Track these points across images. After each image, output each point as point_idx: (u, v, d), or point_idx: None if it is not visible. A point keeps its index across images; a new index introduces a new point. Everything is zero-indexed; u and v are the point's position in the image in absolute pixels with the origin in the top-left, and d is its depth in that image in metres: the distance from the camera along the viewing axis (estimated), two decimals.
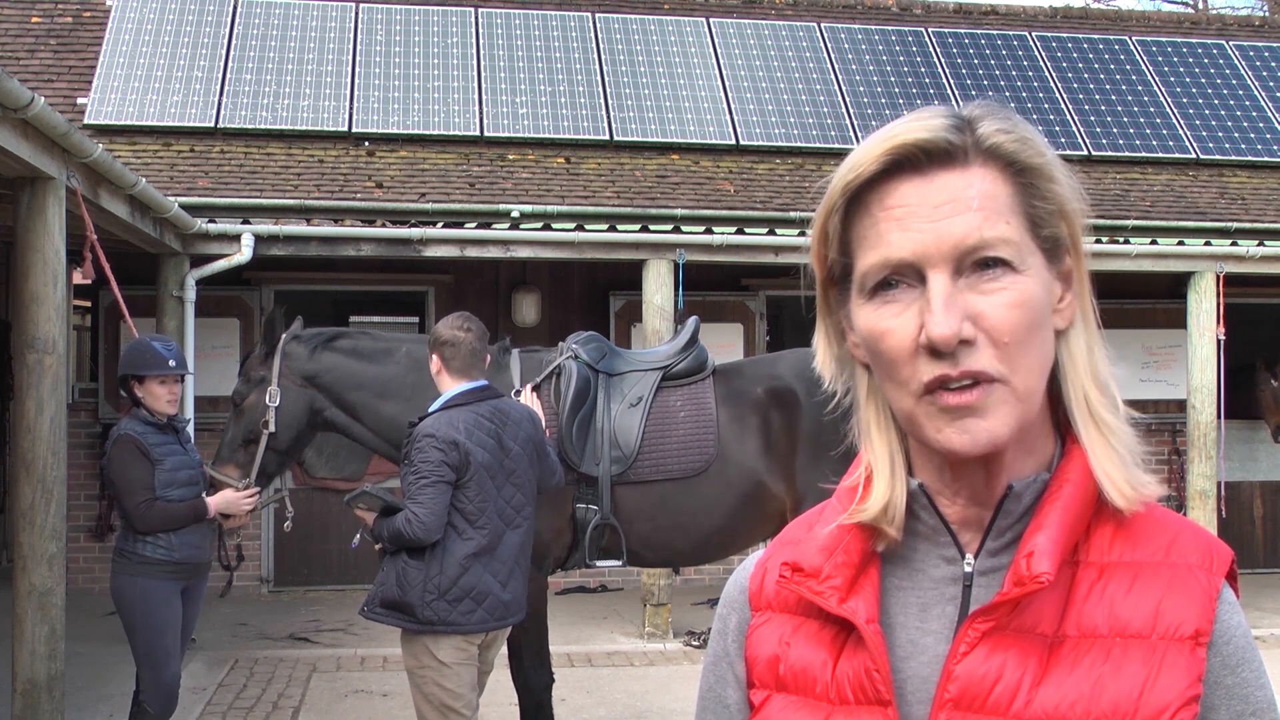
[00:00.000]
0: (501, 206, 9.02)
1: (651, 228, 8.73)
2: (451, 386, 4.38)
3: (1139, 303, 10.88)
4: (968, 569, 1.08)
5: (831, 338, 1.15)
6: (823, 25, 11.53)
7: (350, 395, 5.29)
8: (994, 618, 1.03)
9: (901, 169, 1.03)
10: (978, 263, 1.01)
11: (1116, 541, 1.06)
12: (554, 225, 8.75)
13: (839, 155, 1.11)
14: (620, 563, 5.36)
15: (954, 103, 1.13)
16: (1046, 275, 1.05)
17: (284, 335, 5.33)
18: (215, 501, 5.11)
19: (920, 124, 1.03)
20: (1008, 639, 1.03)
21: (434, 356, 4.42)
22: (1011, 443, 1.03)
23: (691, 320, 5.60)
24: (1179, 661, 1.01)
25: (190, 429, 8.20)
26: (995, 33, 11.85)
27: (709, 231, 8.66)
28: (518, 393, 5.15)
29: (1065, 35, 12.05)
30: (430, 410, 4.36)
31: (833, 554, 1.10)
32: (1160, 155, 10.88)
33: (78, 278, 9.83)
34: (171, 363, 5.04)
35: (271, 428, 5.22)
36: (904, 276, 1.03)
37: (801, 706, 1.10)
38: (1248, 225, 9.82)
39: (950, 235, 1.01)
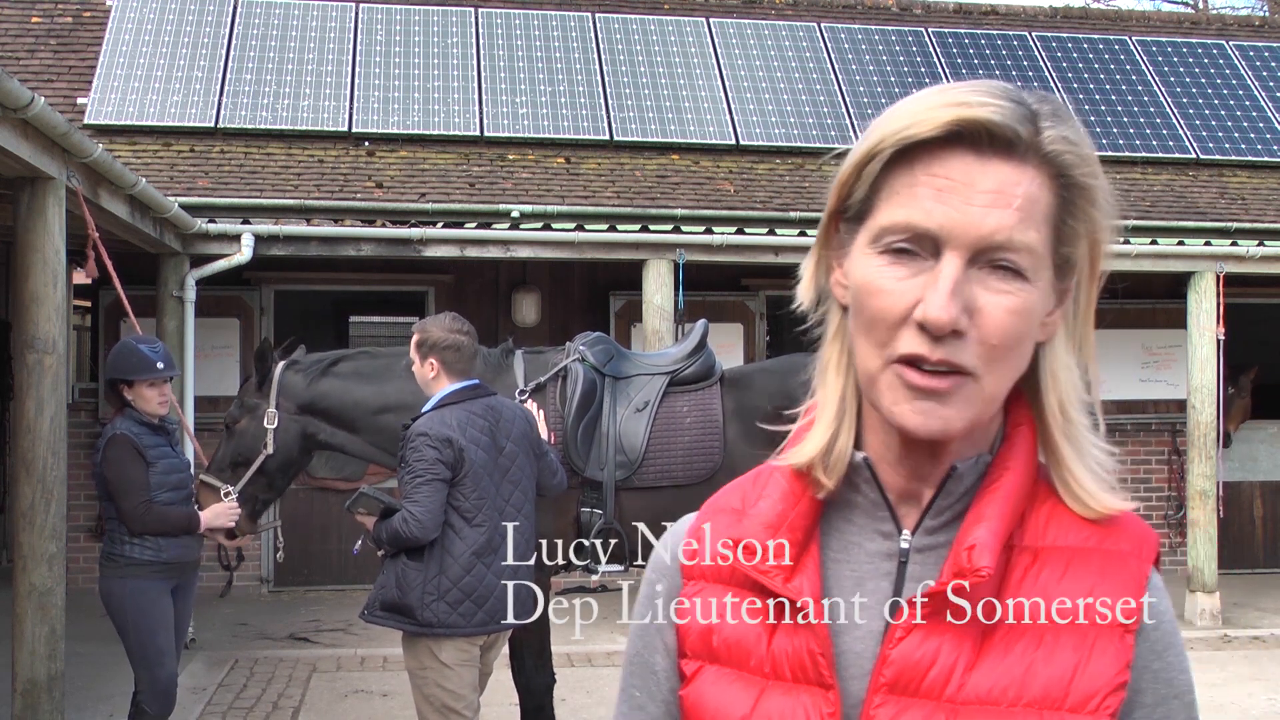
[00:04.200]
0: (501, 206, 9.01)
1: (651, 228, 8.73)
2: (445, 387, 4.38)
3: (1139, 303, 10.88)
4: (904, 545, 1.08)
5: (821, 267, 1.13)
6: (823, 25, 11.52)
7: (348, 414, 5.33)
8: (930, 604, 1.04)
9: (960, 140, 1.01)
10: (993, 263, 1.00)
11: (1050, 527, 1.07)
12: (554, 225, 8.74)
13: (839, 155, 1.11)
14: (624, 568, 5.36)
15: None
16: (1049, 291, 1.05)
17: (280, 364, 5.35)
18: (207, 516, 5.14)
19: (993, 103, 1.01)
20: (943, 624, 1.03)
21: (430, 361, 4.39)
22: (963, 433, 1.04)
23: (700, 324, 5.57)
24: (1109, 647, 1.02)
25: (190, 428, 8.26)
26: (995, 33, 11.85)
27: (709, 231, 8.66)
28: (523, 393, 5.14)
29: (1065, 35, 12.05)
30: (423, 410, 4.36)
31: (777, 531, 1.09)
32: (1160, 155, 10.88)
33: (80, 277, 9.81)
34: (160, 365, 5.03)
35: (269, 449, 5.25)
36: (920, 246, 1.01)
37: (735, 679, 1.10)
38: (1248, 225, 9.82)
39: (983, 225, 0.99)
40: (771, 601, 1.09)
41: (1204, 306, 9.06)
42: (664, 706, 1.17)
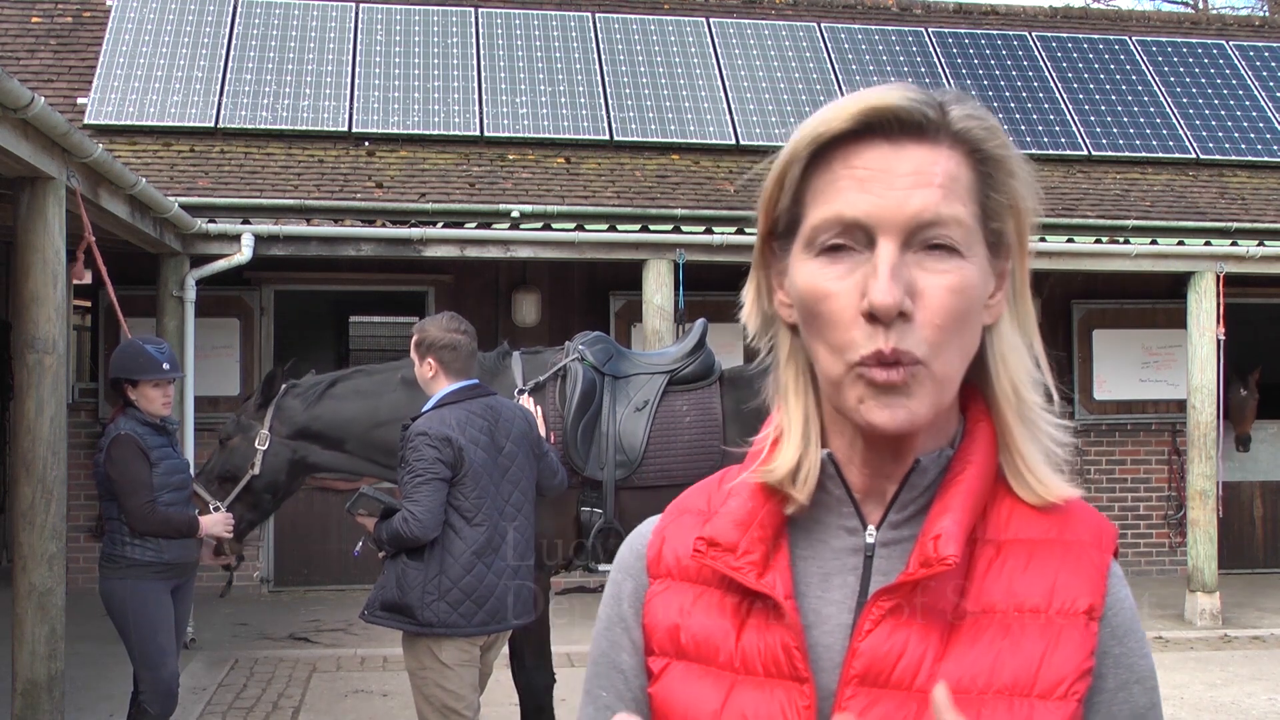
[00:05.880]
0: (501, 206, 9.02)
1: (651, 228, 8.73)
2: (444, 387, 4.39)
3: (1139, 303, 10.88)
4: (869, 540, 1.10)
5: (763, 292, 1.15)
6: (823, 25, 11.53)
7: (340, 434, 5.38)
8: (897, 596, 1.05)
9: (872, 132, 1.03)
10: (927, 244, 1.02)
11: (1013, 519, 1.09)
12: (554, 225, 8.75)
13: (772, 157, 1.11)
14: None
15: None
16: (986, 268, 1.06)
17: (282, 388, 5.42)
18: (206, 522, 5.17)
19: (898, 93, 1.04)
20: (910, 616, 1.05)
21: (429, 360, 4.39)
22: (927, 424, 1.05)
23: (699, 323, 5.57)
24: (1074, 636, 1.04)
25: (190, 429, 8.27)
26: (995, 33, 11.85)
27: (709, 231, 8.66)
28: (521, 392, 5.15)
29: (1065, 35, 12.05)
30: (422, 410, 4.37)
31: (748, 529, 1.11)
32: (1160, 155, 10.88)
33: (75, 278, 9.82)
34: (166, 366, 5.05)
35: (255, 470, 5.32)
36: (853, 239, 1.03)
37: (704, 675, 1.11)
38: (1248, 225, 9.82)
39: (909, 205, 1.01)
40: (739, 598, 1.11)
41: (1204, 306, 9.06)
42: (634, 705, 1.17)
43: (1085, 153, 10.71)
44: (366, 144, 9.90)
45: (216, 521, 5.21)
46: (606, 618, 1.21)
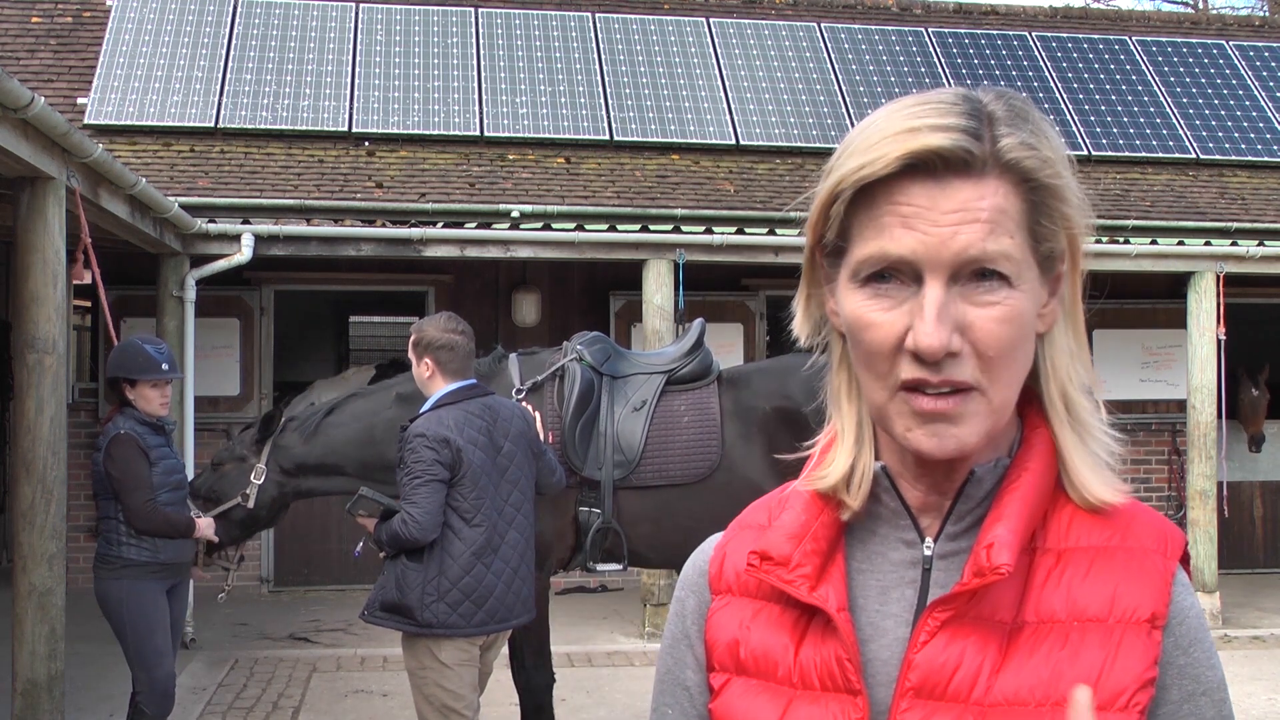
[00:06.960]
0: (501, 206, 9.02)
1: (651, 228, 8.73)
2: (442, 387, 4.38)
3: (1139, 303, 10.88)
4: (927, 552, 1.09)
5: (813, 301, 1.14)
6: (823, 25, 11.53)
7: (335, 460, 5.41)
8: (953, 607, 1.04)
9: (915, 168, 1.01)
10: (975, 272, 1.01)
11: (1073, 527, 1.07)
12: (554, 225, 8.75)
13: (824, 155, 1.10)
14: (621, 566, 5.37)
15: None
16: (1038, 287, 1.05)
17: (281, 422, 5.44)
18: (202, 524, 5.17)
19: (943, 124, 1.00)
20: (967, 627, 1.03)
21: (426, 360, 4.39)
22: (979, 448, 1.04)
23: (697, 323, 5.58)
24: (1136, 645, 1.02)
25: (189, 429, 8.27)
26: (995, 33, 11.85)
27: (709, 231, 8.66)
28: (519, 391, 5.15)
29: (1065, 35, 12.05)
30: (420, 411, 4.37)
31: (801, 541, 1.10)
32: (1160, 155, 10.88)
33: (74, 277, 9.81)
34: (164, 366, 5.06)
35: (244, 502, 5.35)
36: (899, 272, 1.02)
37: (763, 690, 1.11)
38: (1248, 225, 9.82)
39: (954, 244, 0.99)
40: (798, 612, 1.10)
41: (1204, 306, 9.06)
42: None
43: (1085, 153, 10.71)
44: (366, 144, 9.90)
45: (209, 524, 5.22)
46: (671, 635, 1.21)
